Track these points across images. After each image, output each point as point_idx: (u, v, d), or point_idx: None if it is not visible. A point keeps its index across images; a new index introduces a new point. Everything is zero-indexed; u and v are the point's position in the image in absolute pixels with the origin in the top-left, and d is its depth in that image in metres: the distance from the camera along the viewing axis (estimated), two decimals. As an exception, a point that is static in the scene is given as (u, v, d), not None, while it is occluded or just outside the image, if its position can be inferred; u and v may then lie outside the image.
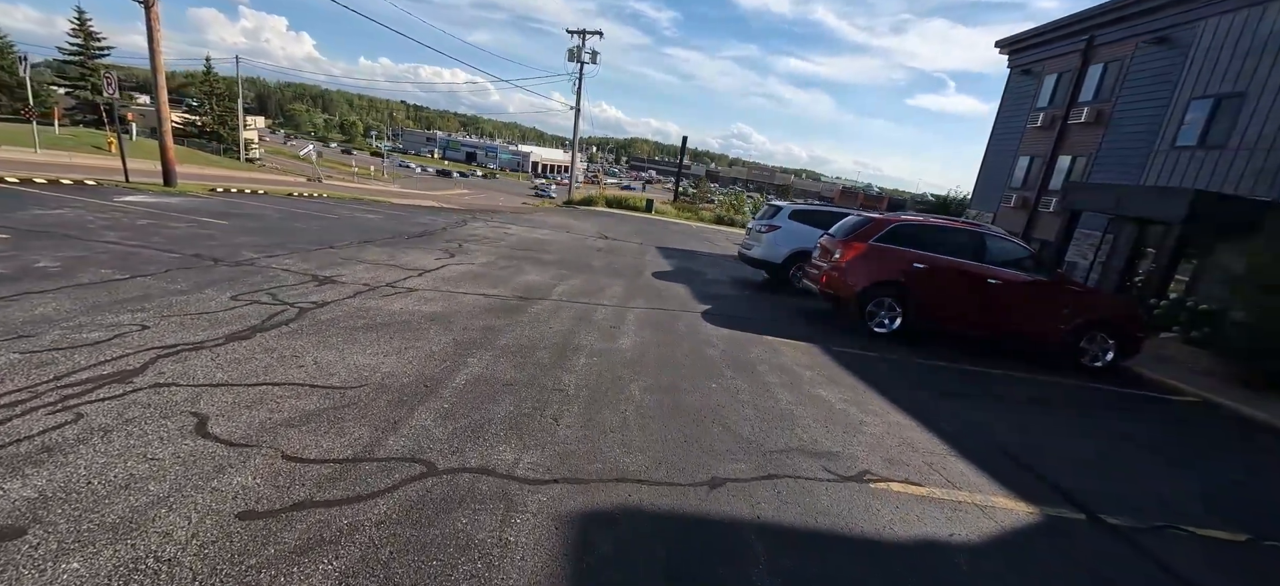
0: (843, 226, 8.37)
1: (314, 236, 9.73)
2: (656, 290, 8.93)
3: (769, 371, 5.34)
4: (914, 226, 7.67)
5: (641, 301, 7.86)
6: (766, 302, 9.34)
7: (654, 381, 4.57)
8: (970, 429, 4.61)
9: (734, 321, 7.42)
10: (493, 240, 12.53)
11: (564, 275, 9.11)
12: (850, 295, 7.61)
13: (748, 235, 11.76)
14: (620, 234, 18.22)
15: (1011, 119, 21.75)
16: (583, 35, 33.60)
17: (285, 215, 12.20)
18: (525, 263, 9.87)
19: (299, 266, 7.18)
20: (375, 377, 3.89)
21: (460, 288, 7.17)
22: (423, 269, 8.09)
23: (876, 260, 7.56)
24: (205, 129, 46.17)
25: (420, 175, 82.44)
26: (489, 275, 8.29)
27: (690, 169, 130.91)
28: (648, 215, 31.10)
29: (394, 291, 6.54)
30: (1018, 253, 7.70)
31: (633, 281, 9.45)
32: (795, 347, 6.46)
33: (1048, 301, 7.50)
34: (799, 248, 10.65)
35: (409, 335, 4.92)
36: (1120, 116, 16.45)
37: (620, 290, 8.51)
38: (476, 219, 17.63)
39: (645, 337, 5.92)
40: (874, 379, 5.61)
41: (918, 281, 7.46)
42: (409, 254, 9.19)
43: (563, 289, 7.99)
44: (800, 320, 8.19)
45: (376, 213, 15.69)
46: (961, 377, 6.34)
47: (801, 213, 10.99)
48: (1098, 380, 7.21)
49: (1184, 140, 14.17)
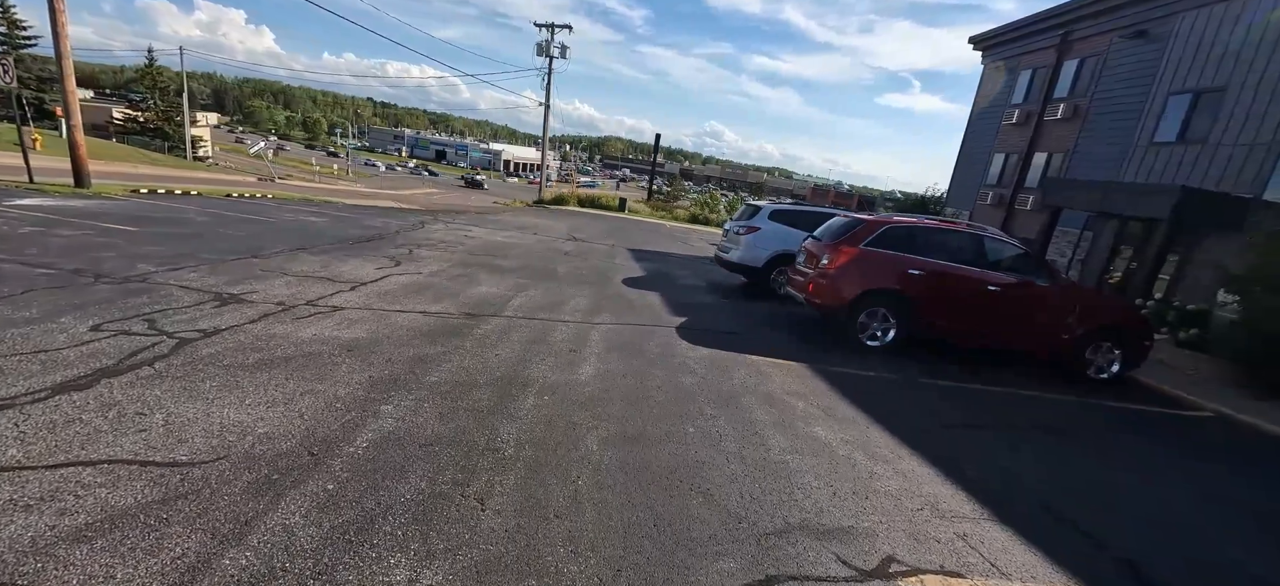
0: (830, 229, 7.63)
1: (238, 244, 8.56)
2: (627, 301, 8.05)
3: (756, 404, 4.52)
4: (907, 229, 6.97)
5: (609, 315, 6.98)
6: (747, 311, 8.55)
7: (618, 428, 3.69)
8: (997, 476, 3.87)
9: (713, 337, 6.60)
10: (450, 244, 11.48)
11: (523, 285, 8.16)
12: (840, 305, 6.87)
13: (725, 237, 10.98)
14: (591, 235, 17.29)
15: (986, 115, 21.54)
16: (551, 29, 32.48)
17: (214, 220, 10.92)
18: (481, 271, 8.88)
19: (204, 282, 6.08)
20: (243, 444, 2.91)
21: (397, 304, 6.17)
22: (357, 281, 7.05)
23: (868, 266, 6.83)
24: (149, 125, 43.35)
25: (387, 174, 79.75)
26: (435, 287, 7.29)
27: (664, 167, 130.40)
28: (621, 215, 30.21)
29: (314, 311, 5.51)
30: (1018, 256, 7.08)
31: (600, 290, 8.55)
32: (783, 369, 5.67)
33: (1052, 309, 6.88)
34: (780, 250, 9.91)
35: (312, 374, 3.94)
36: (1097, 112, 16.23)
37: (586, 302, 7.61)
38: (438, 220, 16.49)
39: (611, 364, 5.03)
40: (875, 408, 4.85)
41: (913, 289, 6.75)
42: (347, 263, 8.11)
43: (520, 302, 7.05)
44: (785, 332, 7.42)
45: (325, 215, 14.43)
46: (967, 401, 5.64)
47: (782, 213, 10.25)
48: (1105, 394, 6.62)
49: (1163, 135, 13.94)
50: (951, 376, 6.38)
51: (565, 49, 32.70)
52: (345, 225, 12.58)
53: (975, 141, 21.96)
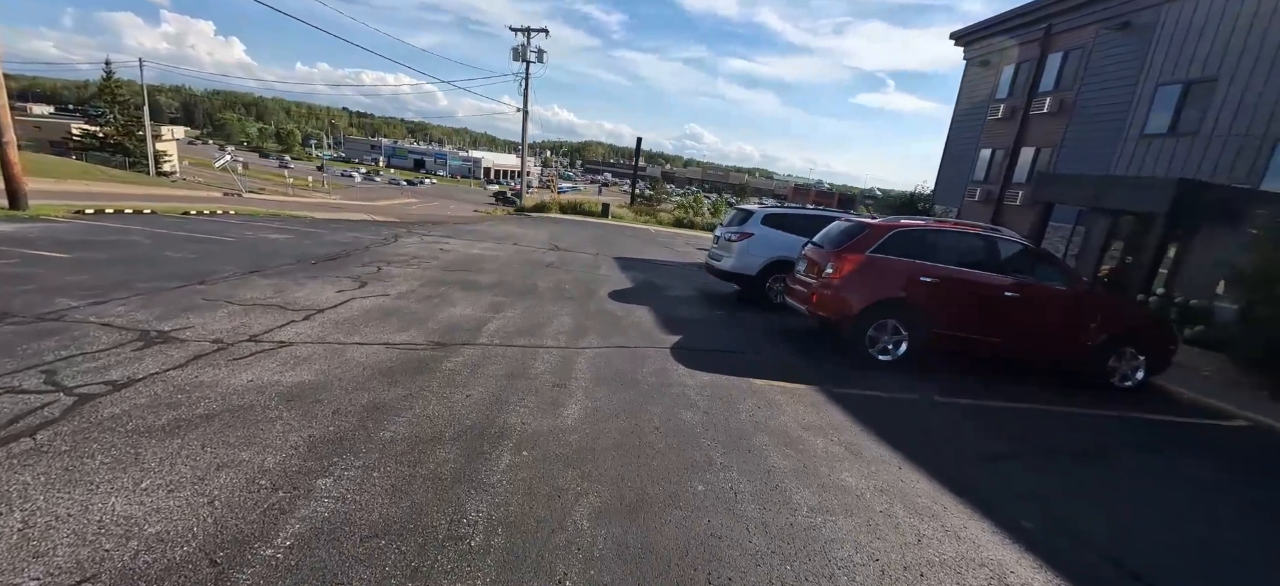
0: (831, 234, 7.09)
1: (184, 269, 7.74)
2: (614, 318, 7.42)
3: (771, 445, 3.91)
4: (917, 232, 6.45)
5: (596, 337, 6.34)
6: (744, 324, 7.97)
7: (612, 492, 3.05)
8: (1058, 527, 3.31)
9: (711, 358, 5.99)
10: (423, 259, 10.73)
11: (501, 304, 7.48)
12: (847, 318, 6.32)
13: (716, 244, 10.41)
14: (573, 243, 16.62)
15: (971, 112, 21.39)
16: (527, 34, 31.75)
17: (161, 242, 10.03)
18: (455, 289, 8.17)
19: (130, 318, 5.30)
20: (121, 556, 2.21)
21: (356, 335, 5.45)
22: (314, 308, 6.31)
23: (876, 274, 6.30)
24: (109, 141, 41.56)
25: (365, 184, 78.07)
26: (403, 312, 6.57)
27: (645, 171, 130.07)
28: (604, 220, 29.58)
29: (256, 349, 4.78)
30: (1035, 259, 6.61)
31: (585, 307, 7.90)
32: (793, 395, 5.08)
33: (1073, 315, 6.42)
34: (776, 257, 9.36)
35: (238, 436, 3.23)
36: (1084, 105, 16.06)
37: (570, 321, 6.96)
38: (412, 233, 15.67)
39: (600, 400, 4.39)
40: (901, 440, 4.28)
41: (925, 298, 6.23)
42: (305, 287, 7.35)
43: (497, 325, 6.37)
44: (787, 347, 6.85)
45: (290, 231, 13.55)
46: (994, 423, 5.11)
47: (776, 216, 9.71)
48: (1131, 405, 6.16)
49: (1154, 128, 13.75)
50: (971, 392, 5.85)
51: (542, 53, 31.99)
52: (310, 242, 11.74)
53: (960, 138, 21.79)
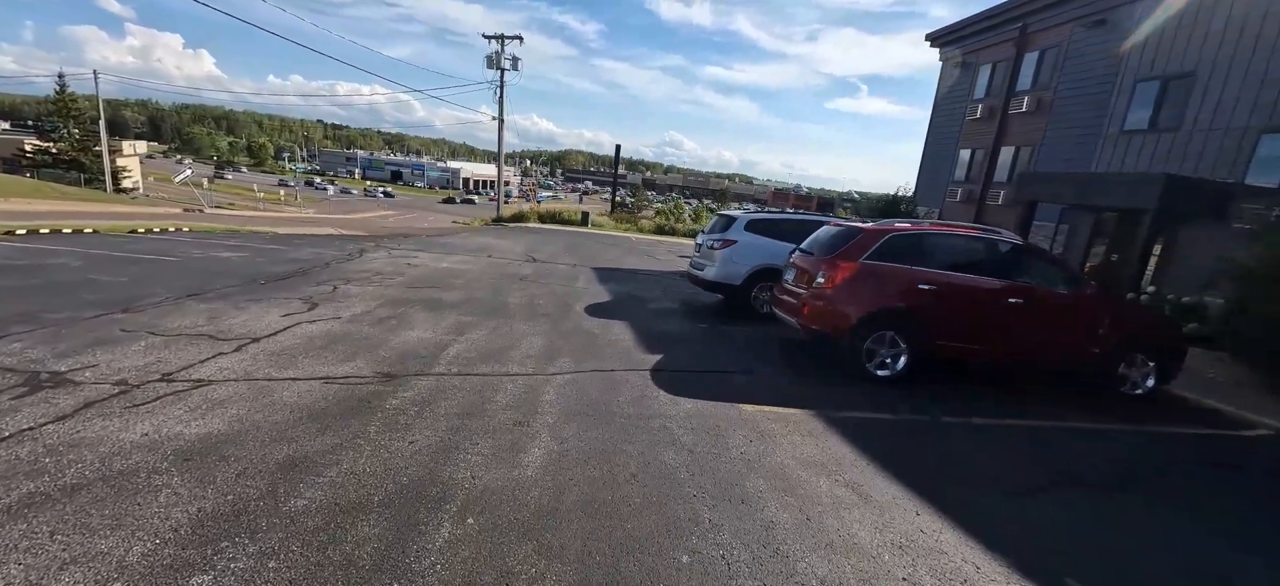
0: (821, 240, 6.60)
1: (111, 295, 6.95)
2: (589, 336, 6.82)
3: (767, 491, 3.35)
4: (913, 236, 5.99)
5: (568, 359, 5.73)
6: (729, 339, 7.43)
7: (576, 576, 2.45)
8: (1117, 582, 2.80)
9: (695, 381, 5.42)
10: (387, 276, 10.01)
11: (466, 324, 6.83)
12: (842, 331, 5.81)
13: (698, 252, 9.88)
14: (551, 253, 15.98)
15: (949, 112, 21.32)
16: (501, 41, 31.14)
17: (93, 264, 9.17)
18: (417, 309, 7.49)
19: (23, 356, 4.55)
20: None
21: (291, 368, 4.77)
22: (250, 336, 5.60)
23: (872, 283, 5.81)
24: (62, 158, 39.70)
25: (340, 197, 76.25)
26: (352, 337, 5.89)
27: (625, 178, 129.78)
28: (583, 229, 28.96)
29: (166, 390, 4.08)
30: (1039, 262, 6.19)
31: (559, 325, 7.29)
32: (788, 423, 4.53)
33: (1080, 320, 6.00)
34: (761, 264, 8.86)
35: (105, 516, 2.57)
36: (1063, 103, 15.98)
37: (541, 342, 6.34)
38: (380, 247, 14.88)
39: (568, 441, 3.79)
40: (915, 476, 3.75)
41: (924, 307, 5.76)
42: (245, 311, 6.62)
43: (458, 350, 5.72)
44: (777, 363, 6.32)
45: (246, 248, 12.69)
46: (1012, 446, 4.63)
47: (760, 222, 9.22)
48: (1148, 415, 5.75)
49: (1134, 123, 13.64)
50: (982, 410, 5.38)
51: (516, 61, 31.41)
52: (265, 260, 10.94)
53: (939, 139, 21.71)
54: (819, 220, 9.26)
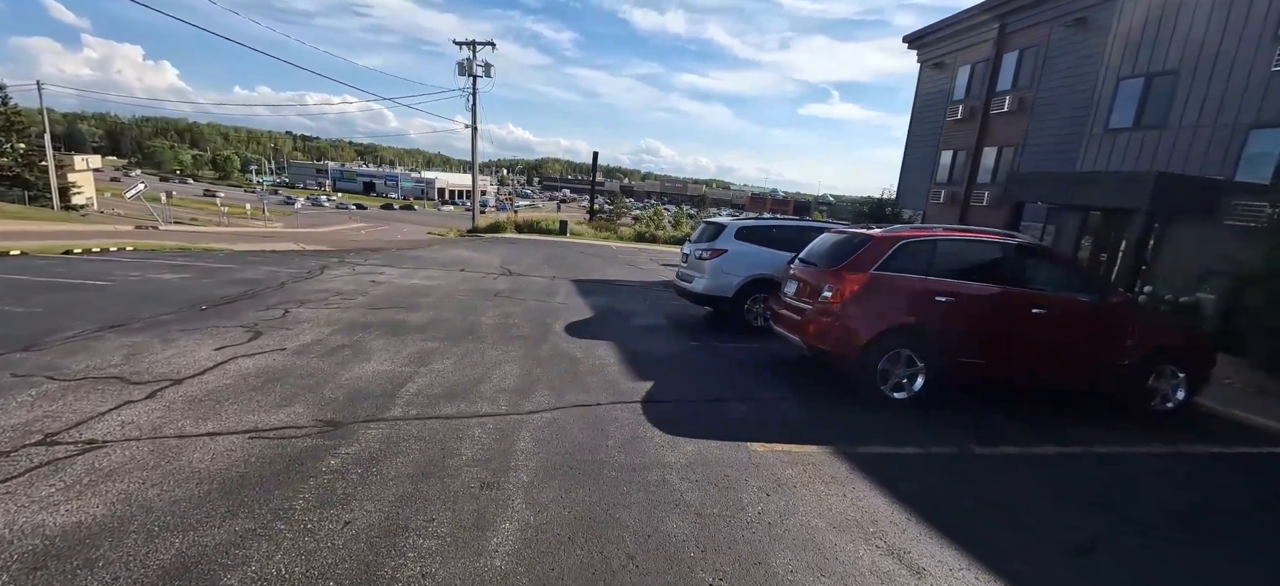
0: (823, 249, 6.03)
1: (16, 329, 6.01)
2: (571, 362, 6.11)
3: (800, 572, 2.69)
4: (926, 244, 5.44)
5: (547, 393, 5.02)
6: (724, 359, 6.80)
7: None
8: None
9: (694, 414, 4.77)
10: (346, 296, 9.15)
11: (431, 352, 6.06)
12: (853, 350, 5.22)
13: (685, 263, 9.26)
14: (528, 265, 15.21)
15: (928, 114, 21.20)
16: (473, 47, 30.30)
17: (8, 292, 8.13)
18: (377, 334, 6.70)
19: None
20: None
21: (212, 419, 3.97)
22: (170, 377, 4.77)
23: (884, 296, 5.24)
24: (4, 173, 37.37)
25: (311, 209, 73.92)
26: (295, 374, 5.09)
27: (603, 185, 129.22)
28: (562, 238, 28.19)
29: (44, 456, 3.26)
30: (1060, 268, 5.71)
31: (536, 348, 6.57)
32: (806, 466, 3.90)
33: (1107, 331, 5.52)
34: (754, 275, 8.28)
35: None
36: (1045, 103, 15.87)
37: (516, 370, 5.62)
38: (345, 263, 13.92)
39: (547, 512, 3.08)
40: (963, 530, 3.15)
41: (942, 321, 5.21)
42: (172, 345, 5.76)
43: (419, 386, 4.97)
44: (780, 386, 5.70)
45: (194, 268, 11.65)
46: (1057, 480, 4.07)
47: (751, 229, 8.63)
48: (1185, 433, 5.28)
49: (1118, 122, 13.51)
50: (1009, 435, 4.83)
51: (489, 67, 30.59)
52: (212, 281, 9.97)
53: (919, 141, 21.58)
54: (815, 227, 8.72)
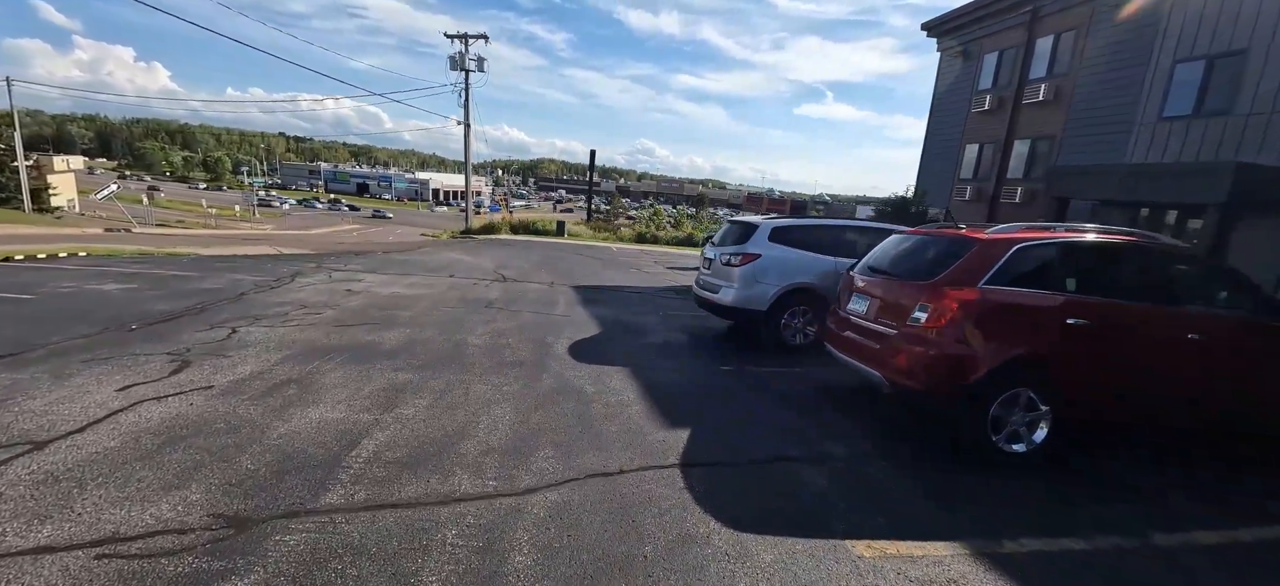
0: (899, 255, 4.74)
1: None
2: (579, 402, 4.80)
3: None
4: (1050, 247, 4.14)
5: (551, 456, 3.70)
6: (766, 390, 5.50)
7: None
8: None
9: (756, 486, 3.46)
10: (314, 308, 7.82)
11: (401, 388, 4.74)
12: (958, 391, 3.92)
13: (706, 268, 7.94)
14: (524, 269, 13.89)
15: (950, 106, 19.94)
16: (465, 40, 28.96)
17: (-101, 307, 6.76)
18: (337, 362, 5.37)
19: None
20: None
21: (57, 518, 2.65)
22: (29, 439, 3.43)
23: (1000, 320, 3.95)
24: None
25: (303, 212, 72.27)
26: (212, 426, 3.76)
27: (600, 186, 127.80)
28: (559, 240, 26.87)
29: None
30: (1218, 278, 4.45)
31: (534, 382, 5.25)
32: (940, 582, 2.61)
33: (1276, 358, 4.25)
34: (792, 284, 6.99)
35: None
36: (1087, 91, 14.63)
37: (509, 417, 4.30)
38: (322, 268, 12.56)
39: None
40: None
41: (1075, 353, 3.93)
42: (66, 383, 4.42)
43: (376, 446, 3.65)
44: (850, 431, 4.40)
45: (144, 277, 10.26)
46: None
47: (786, 230, 7.31)
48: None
49: (1175, 109, 12.26)
50: (1187, 511, 3.55)
51: (482, 61, 29.27)
52: (158, 293, 8.60)
53: (941, 134, 20.32)
54: (861, 226, 7.47)
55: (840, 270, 7.01)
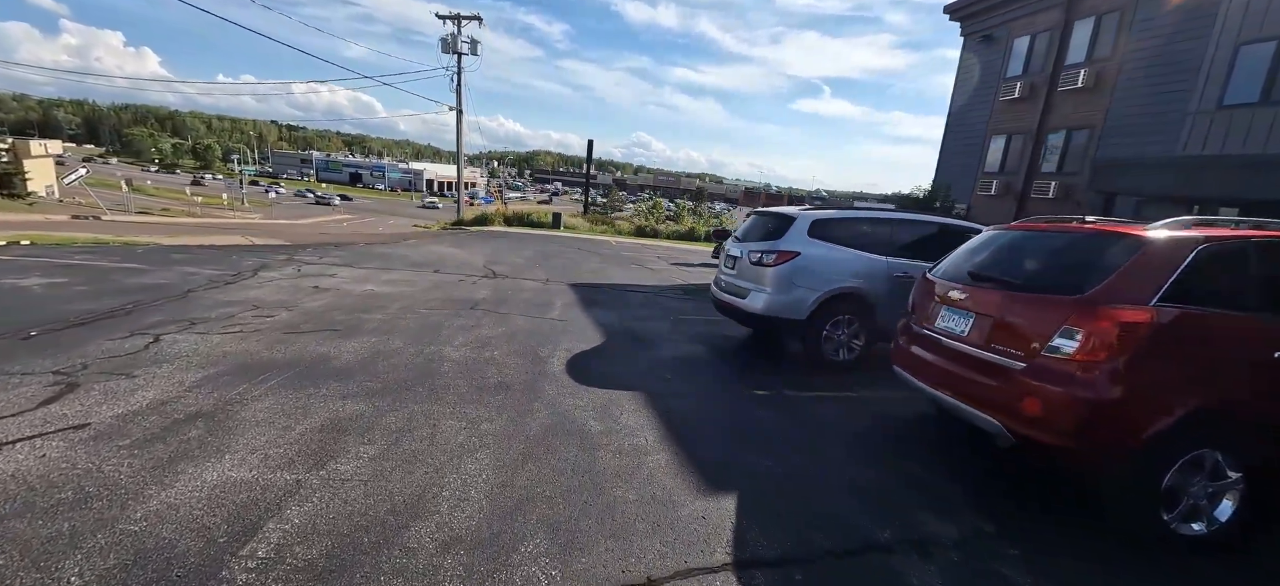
0: (1018, 258, 3.57)
1: None
2: (582, 445, 3.62)
3: None
4: (1253, 248, 2.98)
5: (543, 545, 2.52)
6: (817, 424, 4.35)
7: None
8: None
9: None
10: (267, 310, 6.61)
11: (345, 427, 3.54)
12: (1124, 453, 2.76)
13: (728, 267, 6.74)
14: (517, 266, 12.67)
15: (973, 95, 18.76)
16: (458, 21, 27.59)
17: None
18: (270, 386, 4.17)
19: None
20: None
21: None
22: None
23: (1182, 353, 2.79)
24: (-53, 159, 34.16)
25: (291, 200, 70.57)
26: (53, 498, 2.55)
27: (597, 178, 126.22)
28: (555, 232, 25.63)
29: None
30: None
31: (523, 417, 4.06)
32: None
33: None
34: (836, 288, 5.83)
35: None
36: (1131, 77, 13.48)
37: (485, 478, 3.12)
38: (293, 260, 11.30)
39: None
40: None
41: (1261, 399, 2.78)
42: (-125, 421, 3.20)
43: (288, 529, 2.45)
44: (948, 495, 3.25)
45: (80, 269, 8.98)
46: None
47: (829, 222, 6.11)
48: None
49: (1236, 97, 11.13)
50: None
51: (475, 44, 27.91)
52: (91, 288, 7.35)
53: (963, 125, 19.15)
54: (914, 220, 6.31)
55: (893, 273, 5.87)
